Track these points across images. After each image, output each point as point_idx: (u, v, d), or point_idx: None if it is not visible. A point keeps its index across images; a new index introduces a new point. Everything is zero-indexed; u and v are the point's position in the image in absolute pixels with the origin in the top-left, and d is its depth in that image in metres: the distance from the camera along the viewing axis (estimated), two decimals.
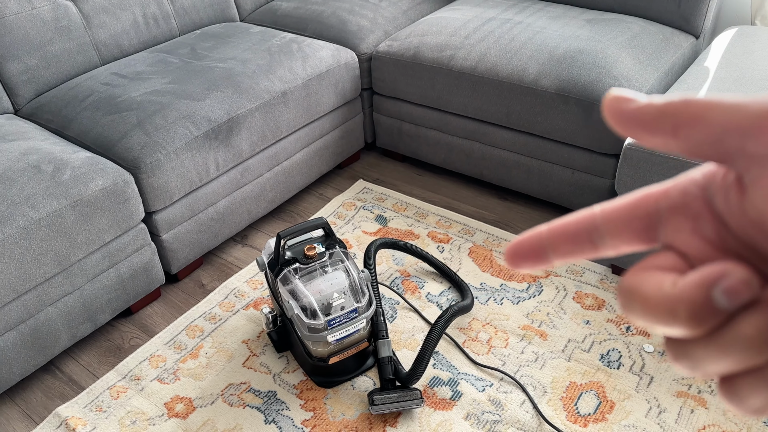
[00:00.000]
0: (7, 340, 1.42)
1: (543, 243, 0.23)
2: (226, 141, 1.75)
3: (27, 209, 1.39)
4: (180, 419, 1.43)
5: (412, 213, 2.06)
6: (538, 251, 0.23)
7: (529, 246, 0.23)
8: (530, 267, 0.23)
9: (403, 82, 2.09)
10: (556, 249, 0.22)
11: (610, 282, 1.72)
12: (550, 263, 0.23)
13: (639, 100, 0.21)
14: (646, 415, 1.37)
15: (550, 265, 0.23)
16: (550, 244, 0.22)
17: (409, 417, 1.40)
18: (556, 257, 0.23)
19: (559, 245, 0.22)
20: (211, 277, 1.87)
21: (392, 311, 1.68)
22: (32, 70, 1.87)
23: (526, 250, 0.23)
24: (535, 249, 0.23)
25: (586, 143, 1.78)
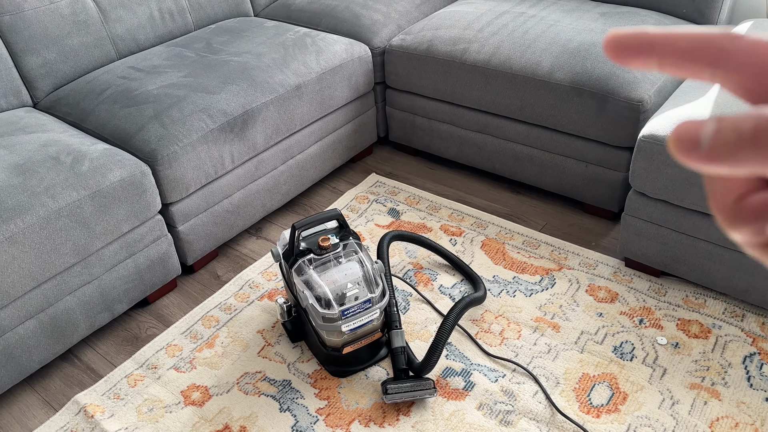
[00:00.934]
0: (27, 328, 1.45)
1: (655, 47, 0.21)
2: (241, 134, 1.77)
3: (47, 199, 1.42)
4: (196, 407, 1.46)
5: (424, 206, 2.06)
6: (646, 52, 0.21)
7: (636, 44, 0.21)
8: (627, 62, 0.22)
9: (416, 75, 2.10)
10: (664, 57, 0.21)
11: (623, 275, 1.72)
12: (650, 66, 0.22)
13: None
14: (659, 406, 1.37)
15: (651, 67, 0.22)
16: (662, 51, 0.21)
17: (422, 406, 1.41)
18: (662, 65, 0.21)
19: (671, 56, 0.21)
20: (227, 269, 1.89)
21: (405, 303, 1.69)
22: (50, 63, 1.90)
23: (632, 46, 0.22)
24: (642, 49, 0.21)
25: (600, 136, 1.78)
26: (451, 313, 1.47)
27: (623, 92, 1.69)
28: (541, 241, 1.87)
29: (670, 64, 0.21)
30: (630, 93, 1.69)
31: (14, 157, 1.51)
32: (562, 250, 1.83)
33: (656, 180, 1.53)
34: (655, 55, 0.21)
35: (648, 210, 1.59)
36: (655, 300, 1.63)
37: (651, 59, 0.21)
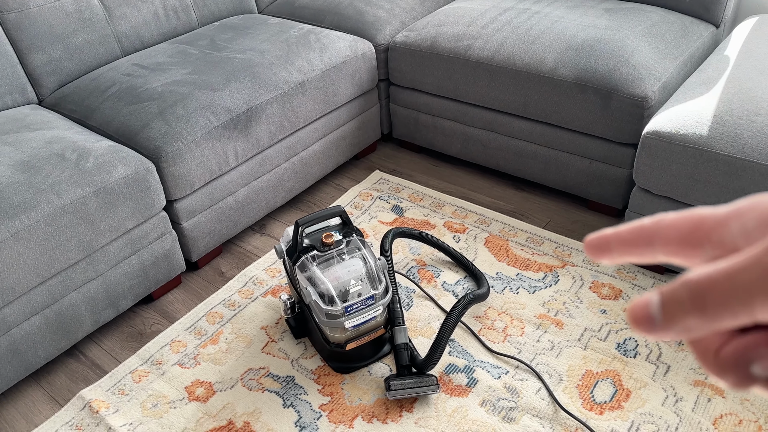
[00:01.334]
0: (32, 324, 1.46)
1: (609, 243, 0.26)
2: (244, 131, 1.77)
3: (52, 196, 1.42)
4: (200, 403, 1.46)
5: (428, 203, 2.07)
6: (605, 249, 0.26)
7: (599, 245, 0.26)
8: (602, 260, 0.27)
9: (420, 72, 2.10)
10: (617, 250, 0.26)
11: (627, 272, 1.72)
12: (613, 260, 0.26)
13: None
14: (662, 403, 1.37)
15: (615, 261, 0.26)
16: (614, 245, 0.26)
17: (425, 402, 1.41)
18: (618, 257, 0.26)
19: (619, 247, 0.26)
20: (231, 265, 1.89)
21: (408, 299, 1.69)
22: (56, 61, 1.91)
23: (596, 247, 0.27)
24: (602, 247, 0.26)
25: (604, 132, 1.77)
26: (454, 310, 1.47)
27: (627, 89, 1.69)
28: (545, 238, 1.87)
29: (624, 254, 0.26)
30: (634, 89, 1.68)
31: (20, 154, 1.51)
32: (566, 247, 1.83)
33: (660, 176, 1.53)
34: (612, 251, 0.26)
35: (652, 206, 1.59)
36: None
37: (612, 254, 0.26)
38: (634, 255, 0.25)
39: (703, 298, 0.20)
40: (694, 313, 0.20)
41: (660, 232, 0.24)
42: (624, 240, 0.25)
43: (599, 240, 0.26)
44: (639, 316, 0.22)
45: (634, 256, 0.26)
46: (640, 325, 0.22)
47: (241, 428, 1.40)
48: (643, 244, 0.25)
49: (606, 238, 0.26)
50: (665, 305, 0.21)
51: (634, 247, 0.25)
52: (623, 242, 0.25)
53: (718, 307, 0.20)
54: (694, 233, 0.23)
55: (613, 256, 0.26)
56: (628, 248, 0.25)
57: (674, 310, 0.21)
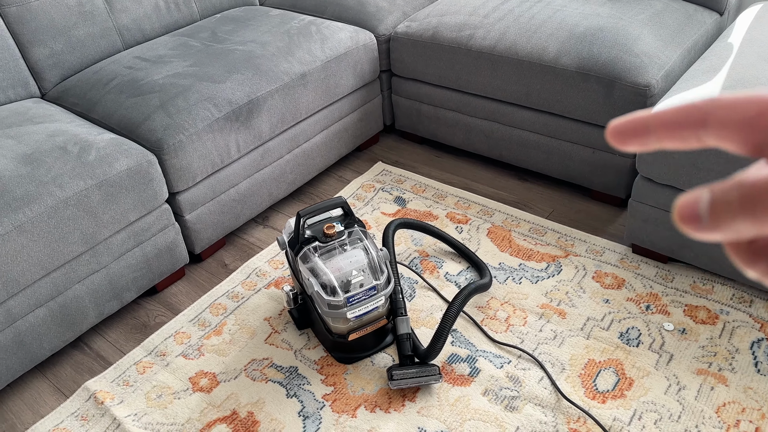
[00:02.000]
0: (37, 316, 1.47)
1: (647, 125, 0.23)
2: (246, 123, 1.78)
3: (54, 189, 1.43)
4: (204, 393, 1.47)
5: (430, 194, 2.06)
6: (641, 132, 0.23)
7: (633, 128, 0.23)
8: (630, 146, 0.24)
9: (422, 63, 2.09)
10: (658, 133, 0.23)
11: (630, 261, 1.71)
12: (648, 145, 0.24)
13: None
14: (665, 392, 1.37)
15: (648, 146, 0.24)
16: (655, 127, 0.23)
17: (427, 392, 1.42)
18: (655, 141, 0.23)
19: (660, 129, 0.23)
20: (234, 257, 1.90)
21: (411, 290, 1.69)
22: (57, 54, 1.91)
23: (629, 131, 0.24)
24: (638, 129, 0.23)
25: (607, 121, 1.76)
26: (456, 300, 1.47)
27: (630, 77, 1.68)
28: (548, 228, 1.87)
29: (665, 138, 0.23)
30: (637, 78, 1.67)
31: (22, 147, 1.52)
32: (569, 237, 1.82)
33: (663, 165, 1.52)
34: (650, 134, 0.23)
35: (655, 195, 1.58)
36: (662, 286, 1.62)
37: (649, 138, 0.23)
38: (678, 138, 0.23)
39: (755, 202, 0.19)
40: (743, 217, 0.19)
41: (718, 112, 0.21)
42: (669, 121, 0.23)
43: (634, 123, 0.23)
44: (686, 213, 0.21)
45: (676, 141, 0.23)
46: (686, 223, 0.21)
47: (245, 418, 1.40)
48: (693, 125, 0.22)
49: (644, 120, 0.23)
50: (714, 205, 0.20)
51: (680, 128, 0.22)
52: (667, 123, 0.23)
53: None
54: (765, 115, 0.21)
55: (649, 141, 0.23)
56: (673, 130, 0.22)
57: (722, 211, 0.19)
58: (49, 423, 1.43)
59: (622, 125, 0.24)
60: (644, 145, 0.24)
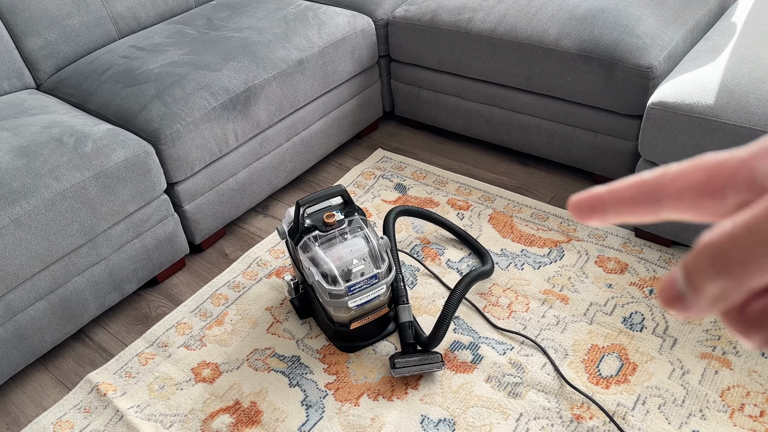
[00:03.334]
0: (37, 309, 1.46)
1: (603, 203, 0.23)
2: (244, 111, 1.76)
3: (51, 181, 1.42)
4: (207, 384, 1.47)
5: (431, 181, 2.05)
6: (598, 209, 0.24)
7: (590, 205, 0.24)
8: (591, 222, 0.24)
9: (421, 47, 2.06)
10: (614, 209, 0.23)
11: (633, 245, 1.70)
12: (607, 221, 0.24)
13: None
14: (669, 376, 1.36)
15: (607, 221, 0.24)
16: (610, 204, 0.23)
17: (430, 380, 1.41)
18: (613, 217, 0.24)
19: (616, 207, 0.23)
20: (234, 247, 1.89)
21: (412, 278, 1.68)
22: (52, 44, 1.89)
23: (586, 207, 0.24)
24: (594, 207, 0.24)
25: (609, 104, 1.74)
26: (458, 287, 1.46)
27: (632, 59, 1.65)
28: (550, 213, 1.85)
29: (622, 214, 0.23)
30: (639, 60, 1.65)
31: (18, 139, 1.51)
32: (571, 222, 1.81)
33: (666, 148, 1.50)
34: (608, 211, 0.23)
35: None
36: (666, 270, 1.61)
37: (606, 214, 0.23)
38: (635, 214, 0.23)
39: (725, 259, 0.18)
40: (720, 277, 0.18)
41: (669, 185, 0.21)
42: (622, 198, 0.23)
43: (589, 200, 0.24)
44: (668, 296, 0.20)
45: (633, 216, 0.23)
46: (672, 305, 0.20)
47: (248, 408, 1.40)
48: (647, 201, 0.22)
49: (599, 197, 0.23)
50: (689, 277, 0.19)
51: (635, 205, 0.22)
52: (621, 200, 0.23)
53: (744, 264, 0.18)
54: (713, 180, 0.21)
55: (607, 216, 0.24)
56: (628, 207, 0.23)
57: (699, 280, 0.19)
58: (52, 415, 1.43)
59: (580, 202, 0.24)
60: (604, 220, 0.24)
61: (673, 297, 0.20)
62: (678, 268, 0.20)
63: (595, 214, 0.24)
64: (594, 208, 0.24)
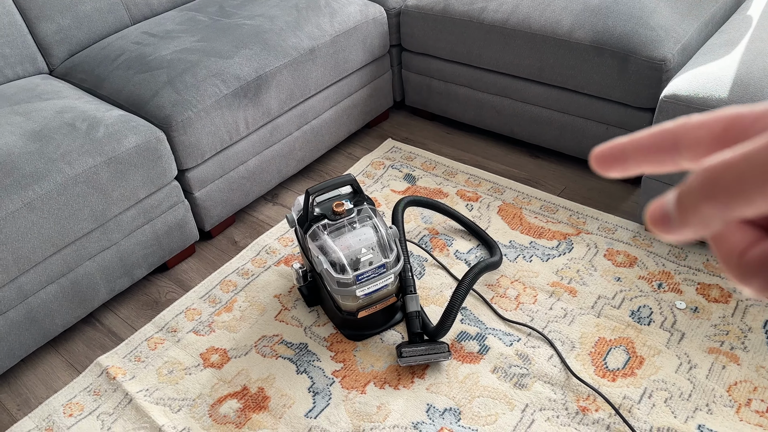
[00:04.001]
0: (48, 292, 1.48)
1: (625, 152, 0.24)
2: (254, 99, 1.76)
3: (63, 166, 1.43)
4: (215, 369, 1.48)
5: (441, 172, 2.04)
6: (620, 158, 0.24)
7: (611, 155, 0.24)
8: (613, 173, 0.25)
9: (433, 37, 2.05)
10: (634, 158, 0.24)
11: (643, 239, 1.69)
12: (630, 171, 0.24)
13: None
14: (676, 370, 1.36)
15: (629, 171, 0.24)
16: (632, 153, 0.24)
17: (436, 369, 1.42)
18: (634, 166, 0.24)
19: (637, 155, 0.23)
20: (244, 235, 1.90)
21: (420, 268, 1.69)
22: (65, 30, 1.89)
23: (608, 158, 0.24)
24: (616, 156, 0.24)
25: (621, 97, 1.73)
26: (465, 278, 1.47)
27: (645, 51, 1.64)
28: (559, 206, 1.85)
29: (642, 163, 0.23)
30: (652, 52, 1.63)
31: (31, 123, 1.52)
32: (581, 215, 1.80)
33: None
34: (629, 160, 0.24)
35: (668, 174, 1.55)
36: (675, 264, 1.61)
37: (627, 163, 0.24)
38: (655, 163, 0.23)
39: (714, 182, 0.19)
40: (706, 200, 0.19)
41: (688, 134, 0.22)
42: (643, 146, 0.23)
43: (612, 150, 0.24)
44: (656, 214, 0.21)
45: (653, 164, 0.23)
46: (657, 224, 0.21)
47: (256, 394, 1.42)
48: (666, 148, 0.22)
49: (621, 147, 0.24)
50: (679, 199, 0.20)
51: (655, 152, 0.23)
52: (642, 149, 0.23)
53: (732, 190, 0.18)
54: (730, 130, 0.21)
55: (628, 166, 0.24)
56: (648, 155, 0.23)
57: (687, 203, 0.20)
58: (62, 398, 1.45)
59: (602, 152, 0.24)
60: (625, 170, 0.24)
61: (659, 217, 0.21)
62: (669, 193, 0.21)
63: (617, 163, 0.24)
64: (616, 157, 0.24)
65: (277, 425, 1.35)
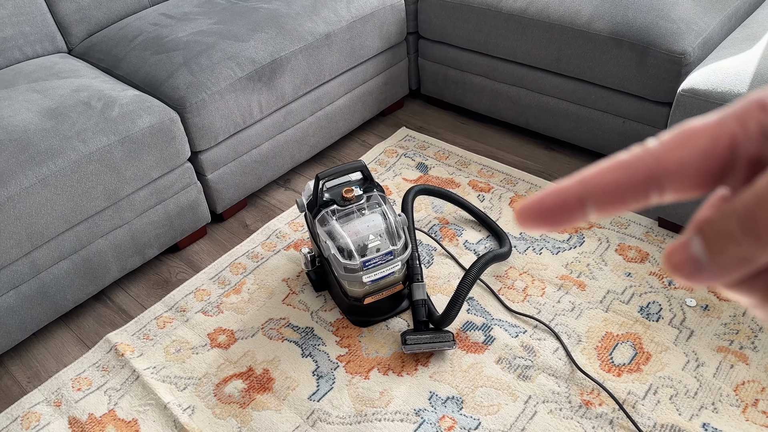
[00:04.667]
0: (61, 268, 1.50)
1: (582, 199, 0.19)
2: (269, 83, 1.76)
3: (78, 143, 1.44)
4: (222, 349, 1.50)
5: (453, 161, 2.03)
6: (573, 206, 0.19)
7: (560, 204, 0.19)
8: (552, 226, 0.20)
9: (450, 25, 2.04)
10: (598, 201, 0.19)
11: (656, 235, 1.67)
12: (578, 221, 0.20)
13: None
14: (683, 368, 1.35)
15: (580, 221, 0.20)
16: (591, 196, 0.19)
17: (440, 358, 1.42)
18: (600, 211, 0.19)
19: (604, 197, 0.19)
20: (255, 218, 1.91)
21: (429, 257, 1.68)
22: (84, 9, 1.91)
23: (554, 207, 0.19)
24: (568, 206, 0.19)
25: (639, 90, 1.70)
26: (473, 268, 1.46)
27: (665, 44, 1.61)
28: None
29: (608, 206, 0.19)
30: (672, 45, 1.60)
31: (47, 101, 1.53)
32: None
33: None
34: (586, 207, 0.19)
35: None
36: None
37: (584, 211, 0.19)
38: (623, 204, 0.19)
39: (754, 220, 0.16)
40: (747, 240, 0.16)
41: (666, 159, 0.18)
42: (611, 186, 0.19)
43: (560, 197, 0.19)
44: (679, 260, 0.18)
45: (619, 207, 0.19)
46: (685, 272, 0.18)
47: (261, 375, 1.43)
48: (643, 183, 0.19)
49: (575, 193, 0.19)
50: (709, 241, 0.17)
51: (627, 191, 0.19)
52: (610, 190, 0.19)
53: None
54: (719, 140, 0.18)
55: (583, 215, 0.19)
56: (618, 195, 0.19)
57: (722, 243, 0.17)
58: (71, 372, 1.48)
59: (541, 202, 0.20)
60: (572, 222, 0.20)
61: (685, 262, 0.18)
62: (691, 234, 0.18)
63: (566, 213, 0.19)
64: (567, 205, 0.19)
65: (281, 407, 1.36)
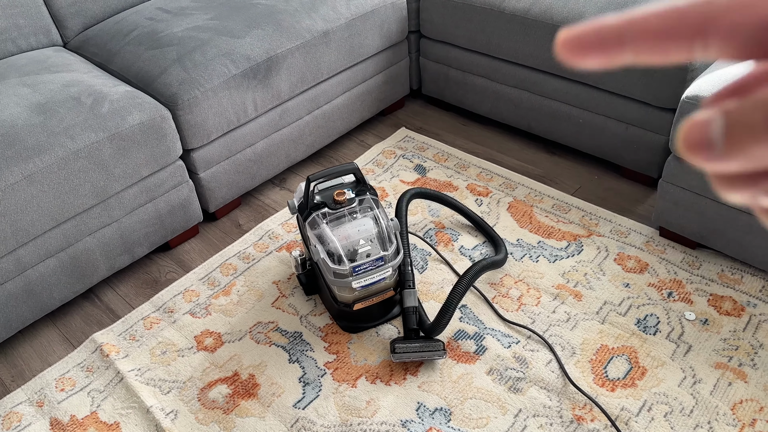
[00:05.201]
0: (47, 266, 1.47)
1: (622, 37, 0.18)
2: (264, 81, 1.73)
3: (65, 140, 1.42)
4: (208, 352, 1.47)
5: (452, 164, 1.99)
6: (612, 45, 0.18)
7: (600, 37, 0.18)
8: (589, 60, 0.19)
9: (452, 24, 1.99)
10: (638, 45, 0.18)
11: (656, 245, 1.63)
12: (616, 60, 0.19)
13: None
14: (679, 384, 1.30)
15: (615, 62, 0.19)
16: (633, 39, 0.18)
17: (430, 367, 1.38)
18: (637, 54, 0.18)
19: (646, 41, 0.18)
20: (248, 218, 1.88)
21: (423, 262, 1.65)
22: (80, 2, 1.88)
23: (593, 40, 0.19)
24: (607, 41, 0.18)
25: (643, 95, 1.66)
26: (466, 275, 1.42)
27: None
28: (572, 206, 1.79)
29: (645, 51, 0.18)
30: None
31: (37, 96, 1.51)
32: (594, 216, 1.74)
33: None
34: (624, 45, 0.18)
35: (687, 177, 1.48)
36: (688, 273, 1.54)
37: (622, 50, 0.18)
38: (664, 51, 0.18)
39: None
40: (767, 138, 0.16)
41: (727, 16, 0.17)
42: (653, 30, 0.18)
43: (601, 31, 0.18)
44: (695, 138, 0.17)
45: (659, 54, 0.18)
46: (695, 150, 0.17)
47: (246, 380, 1.40)
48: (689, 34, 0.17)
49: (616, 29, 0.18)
50: (731, 127, 0.17)
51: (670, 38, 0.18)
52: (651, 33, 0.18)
53: None
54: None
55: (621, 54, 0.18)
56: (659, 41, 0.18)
57: (743, 135, 0.16)
58: (55, 372, 1.45)
59: (582, 35, 0.19)
60: (610, 60, 0.19)
61: (700, 142, 0.17)
62: (716, 114, 0.17)
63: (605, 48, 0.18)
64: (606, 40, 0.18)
65: (265, 413, 1.33)
